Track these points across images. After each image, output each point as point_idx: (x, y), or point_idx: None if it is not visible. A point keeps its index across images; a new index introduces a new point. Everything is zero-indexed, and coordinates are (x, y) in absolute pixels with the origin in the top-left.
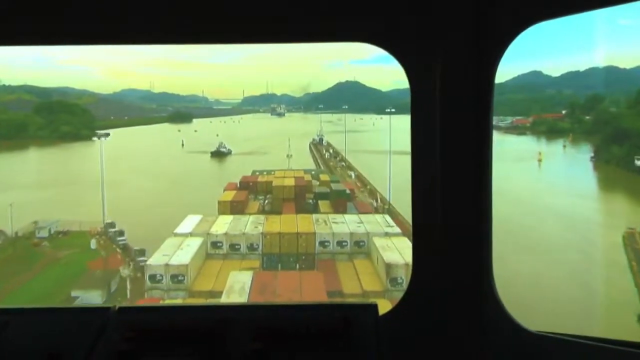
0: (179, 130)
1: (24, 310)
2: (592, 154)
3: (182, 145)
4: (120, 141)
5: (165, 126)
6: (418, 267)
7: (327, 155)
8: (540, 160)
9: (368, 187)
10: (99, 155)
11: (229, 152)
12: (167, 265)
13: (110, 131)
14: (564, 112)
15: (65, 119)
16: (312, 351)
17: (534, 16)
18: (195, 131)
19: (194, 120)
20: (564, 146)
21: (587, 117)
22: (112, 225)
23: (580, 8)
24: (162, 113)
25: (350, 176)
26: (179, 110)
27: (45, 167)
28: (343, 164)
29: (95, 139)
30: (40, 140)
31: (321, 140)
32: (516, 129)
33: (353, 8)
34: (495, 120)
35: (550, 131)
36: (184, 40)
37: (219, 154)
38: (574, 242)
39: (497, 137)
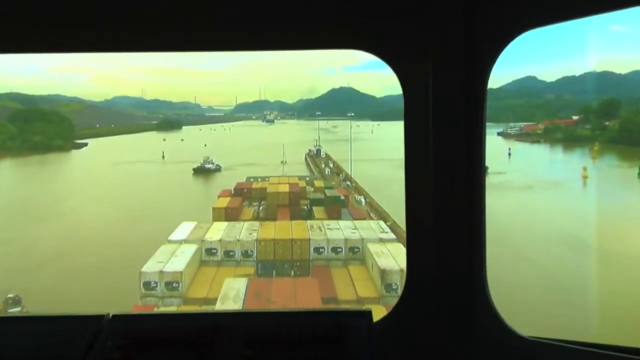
0: (164, 140)
1: (14, 319)
2: None
3: (163, 157)
4: (93, 153)
5: (152, 134)
6: (412, 274)
7: (327, 171)
8: (585, 177)
9: (388, 222)
10: (59, 172)
11: (218, 169)
12: (161, 272)
13: (91, 141)
14: (574, 117)
15: (40, 127)
16: (305, 358)
17: (526, 23)
18: (182, 140)
19: (184, 127)
20: (593, 158)
21: (607, 124)
22: (15, 301)
23: (571, 15)
24: (153, 120)
25: (360, 202)
26: (169, 117)
27: None
28: (348, 183)
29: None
30: (7, 151)
31: (318, 151)
32: (528, 136)
33: (345, 15)
34: (503, 127)
35: (567, 139)
36: (177, 48)
37: (204, 171)
38: None
39: (512, 145)
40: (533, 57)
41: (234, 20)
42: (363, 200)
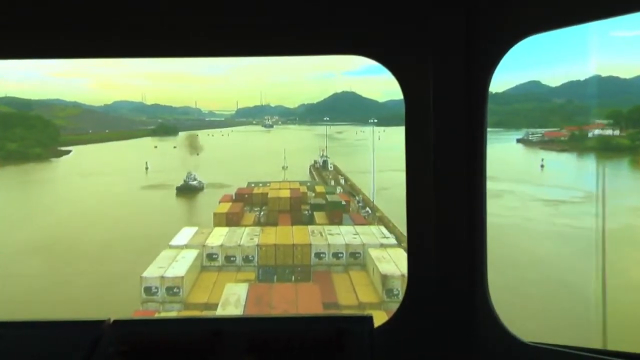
0: (156, 147)
1: (15, 324)
2: None
3: (146, 168)
4: (71, 164)
5: (145, 141)
6: (413, 280)
7: (338, 190)
8: None
9: None
10: (16, 192)
11: (201, 187)
12: (162, 277)
13: (77, 148)
14: (597, 122)
15: (19, 134)
16: None
17: (528, 28)
18: (175, 147)
19: (180, 133)
20: None
21: None
22: None
23: (575, 21)
24: (151, 126)
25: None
26: (167, 122)
27: None
28: (368, 210)
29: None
30: None
31: (325, 163)
32: (554, 144)
33: (346, 21)
34: (523, 134)
35: (604, 148)
36: (178, 54)
37: (189, 190)
38: None
39: (537, 154)
40: (534, 62)
41: (235, 27)
42: (394, 240)
